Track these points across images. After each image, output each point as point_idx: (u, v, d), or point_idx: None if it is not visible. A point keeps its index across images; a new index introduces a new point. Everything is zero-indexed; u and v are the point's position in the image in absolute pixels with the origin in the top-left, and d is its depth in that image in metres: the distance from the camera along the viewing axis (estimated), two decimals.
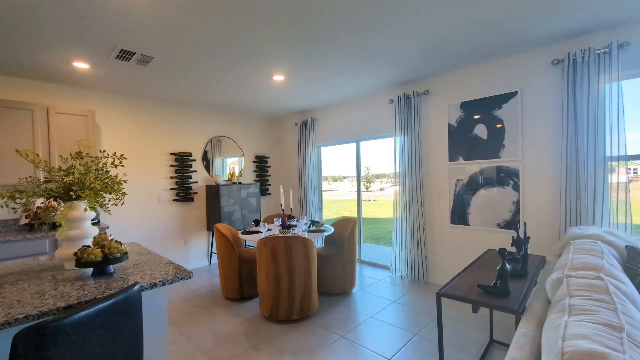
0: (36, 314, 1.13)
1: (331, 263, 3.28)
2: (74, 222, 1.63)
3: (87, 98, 3.69)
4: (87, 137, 3.41)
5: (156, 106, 4.24)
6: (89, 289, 1.36)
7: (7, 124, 2.97)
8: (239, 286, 3.24)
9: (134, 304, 1.23)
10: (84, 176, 1.67)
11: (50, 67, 2.99)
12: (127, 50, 2.63)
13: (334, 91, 4.03)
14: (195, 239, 4.63)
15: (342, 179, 15.01)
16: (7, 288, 1.39)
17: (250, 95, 4.10)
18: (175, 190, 4.39)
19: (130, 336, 1.21)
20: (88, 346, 1.03)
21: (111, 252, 1.51)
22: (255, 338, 2.54)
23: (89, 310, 1.03)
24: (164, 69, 3.09)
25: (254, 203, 4.84)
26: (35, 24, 2.17)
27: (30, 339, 0.89)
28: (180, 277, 1.54)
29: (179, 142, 4.46)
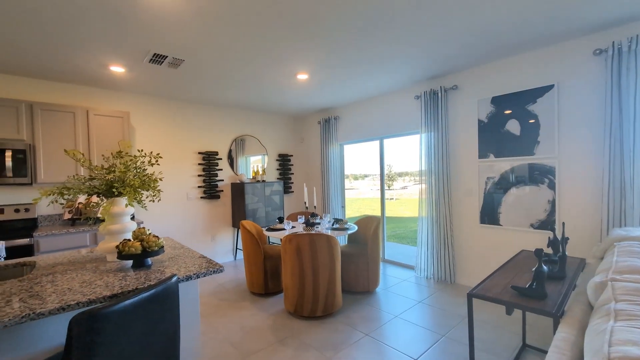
0: (85, 301, 1.22)
1: (354, 261, 3.27)
2: (115, 217, 1.74)
3: (122, 100, 3.90)
4: (122, 137, 3.61)
5: (185, 107, 4.41)
6: (130, 280, 1.45)
7: (53, 125, 3.20)
8: (264, 282, 3.31)
9: (172, 295, 1.29)
10: (124, 174, 1.77)
11: (89, 72, 3.19)
12: (160, 54, 2.75)
13: (357, 88, 4.01)
14: (222, 235, 4.78)
15: (364, 178, 14.87)
16: (58, 277, 1.51)
17: (274, 94, 4.16)
18: (203, 188, 4.55)
19: (169, 325, 1.27)
20: (131, 332, 1.10)
21: (149, 246, 1.60)
22: (281, 332, 2.59)
23: (132, 299, 1.10)
24: (193, 71, 3.21)
25: (277, 201, 4.91)
26: (77, 31, 2.32)
27: (83, 323, 0.96)
28: (213, 270, 1.60)
29: (206, 141, 4.61)
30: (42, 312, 1.12)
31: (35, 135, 3.11)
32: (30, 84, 3.34)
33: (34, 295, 1.27)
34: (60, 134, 3.24)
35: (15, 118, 3.02)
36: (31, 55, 2.73)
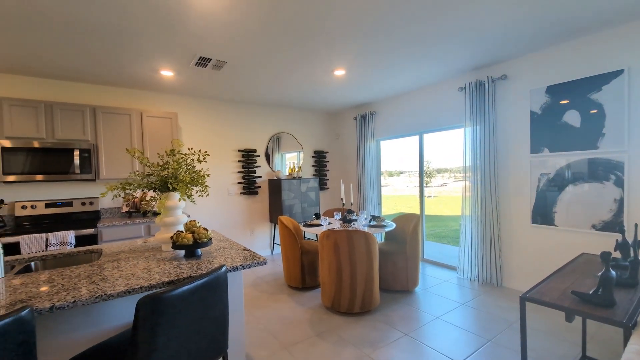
0: (147, 285, 1.33)
1: (392, 260, 3.21)
2: (170, 210, 1.87)
3: (171, 102, 4.18)
4: (171, 136, 3.87)
5: (226, 106, 4.61)
6: (184, 268, 1.56)
7: (112, 127, 3.53)
8: (302, 276, 3.38)
9: (222, 283, 1.37)
10: (176, 171, 1.90)
11: (143, 77, 3.46)
12: (205, 57, 2.90)
13: (396, 82, 3.90)
14: (260, 230, 4.95)
15: (399, 174, 14.47)
16: (122, 263, 1.67)
17: (310, 92, 4.20)
18: (242, 184, 4.74)
19: (219, 311, 1.35)
20: (187, 316, 1.18)
21: (200, 238, 1.71)
22: (318, 326, 2.63)
23: (188, 286, 1.19)
24: (234, 72, 3.34)
25: (313, 197, 4.97)
26: (135, 42, 2.53)
27: (148, 305, 1.06)
28: (257, 263, 1.66)
29: (245, 139, 4.79)
30: (112, 294, 1.25)
31: (98, 136, 3.45)
32: (93, 89, 3.70)
33: (103, 278, 1.42)
34: (118, 134, 3.56)
35: (81, 121, 3.37)
36: (95, 64, 3.02)
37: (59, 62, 2.98)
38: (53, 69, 3.14)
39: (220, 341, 1.37)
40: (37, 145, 3.10)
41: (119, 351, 1.24)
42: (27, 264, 1.83)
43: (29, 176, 3.07)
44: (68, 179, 3.26)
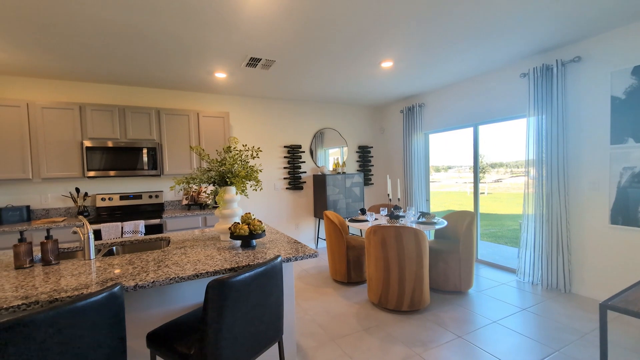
0: (212, 271, 1.44)
1: (444, 258, 3.07)
2: (227, 203, 2.00)
3: (223, 102, 4.44)
4: (224, 134, 4.12)
5: (273, 104, 4.77)
6: (242, 257, 1.66)
7: (173, 127, 3.85)
8: (347, 271, 3.39)
9: (278, 273, 1.43)
10: (232, 166, 2.02)
11: (199, 80, 3.72)
12: (255, 58, 3.03)
13: (448, 71, 3.69)
14: (304, 224, 5.07)
15: (446, 169, 13.69)
16: (188, 250, 1.83)
17: (355, 86, 4.15)
18: (288, 180, 4.88)
19: (275, 299, 1.42)
20: (248, 301, 1.26)
21: (255, 229, 1.80)
22: (365, 321, 2.62)
23: (249, 272, 1.26)
24: (282, 70, 3.44)
25: (358, 192, 4.94)
26: (191, 46, 2.72)
27: (216, 288, 1.15)
28: (308, 255, 1.70)
29: (291, 135, 4.91)
30: (183, 276, 1.38)
31: (162, 135, 3.80)
32: (157, 93, 4.07)
33: (175, 263, 1.57)
34: (178, 133, 3.89)
35: (148, 122, 3.73)
36: (160, 70, 3.32)
37: (130, 70, 3.33)
38: (125, 76, 3.53)
39: (276, 327, 1.43)
40: (110, 145, 3.51)
41: (189, 328, 1.36)
42: (110, 248, 2.10)
43: (104, 172, 3.50)
44: (137, 174, 3.64)
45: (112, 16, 2.18)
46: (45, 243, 1.60)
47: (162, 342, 1.30)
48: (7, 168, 3.16)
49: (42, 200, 3.57)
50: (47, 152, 3.31)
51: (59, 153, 3.36)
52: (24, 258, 1.56)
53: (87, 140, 3.43)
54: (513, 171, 11.26)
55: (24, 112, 3.21)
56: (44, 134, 3.29)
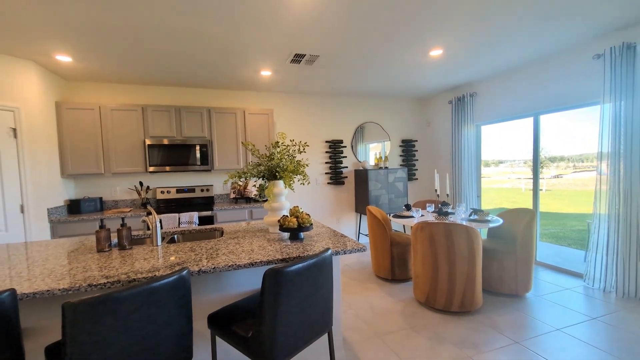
0: (265, 260, 1.51)
1: (499, 259, 2.87)
2: (276, 197, 2.07)
3: (267, 99, 4.59)
4: (268, 131, 4.25)
5: (315, 99, 4.81)
6: (292, 249, 1.70)
7: (222, 124, 4.07)
8: (391, 268, 3.33)
9: (328, 265, 1.45)
10: (280, 161, 2.08)
11: (246, 78, 3.87)
12: (300, 54, 3.06)
13: (504, 56, 3.40)
14: (345, 219, 5.06)
15: (497, 164, 12.67)
16: (241, 241, 1.93)
17: (400, 78, 4.02)
18: (329, 175, 4.91)
19: (326, 291, 1.44)
20: (301, 290, 1.29)
21: (303, 222, 1.84)
22: (411, 319, 2.55)
23: (302, 264, 1.29)
24: (326, 65, 3.44)
25: (401, 188, 4.80)
26: (239, 47, 2.83)
27: (272, 276, 1.20)
28: (357, 249, 1.70)
29: (332, 130, 4.92)
30: (240, 264, 1.46)
31: (212, 133, 4.03)
32: (208, 93, 4.33)
33: (230, 252, 1.67)
34: (226, 130, 4.10)
35: (200, 120, 3.99)
36: (210, 71, 3.52)
37: (185, 72, 3.58)
38: (181, 78, 3.80)
39: (326, 318, 1.46)
40: (166, 142, 3.81)
41: (245, 313, 1.44)
42: (172, 236, 2.29)
43: (161, 167, 3.82)
44: (189, 169, 3.92)
45: (175, 23, 2.35)
46: (121, 230, 1.79)
47: (222, 324, 1.40)
48: (85, 164, 3.60)
49: (112, 193, 4.01)
50: (115, 149, 3.70)
51: (125, 150, 3.73)
52: (104, 243, 1.77)
53: (148, 139, 3.76)
54: (576, 166, 10.05)
55: (96, 114, 3.62)
56: (113, 133, 3.68)
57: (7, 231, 2.95)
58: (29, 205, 3.06)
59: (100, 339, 0.98)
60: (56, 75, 3.54)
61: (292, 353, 1.30)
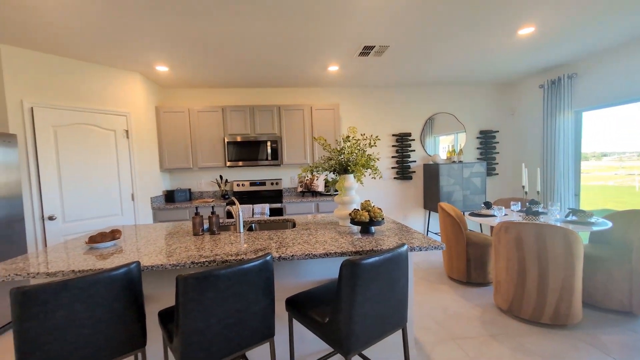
0: (339, 252, 1.54)
1: (605, 268, 2.43)
2: (347, 190, 2.09)
3: (333, 94, 4.64)
4: (333, 126, 4.30)
5: (382, 92, 4.69)
6: (364, 242, 1.71)
7: (290, 121, 4.25)
8: (466, 270, 3.08)
9: (404, 260, 1.41)
10: (350, 155, 2.09)
11: (313, 75, 3.97)
12: (369, 46, 3.01)
13: (614, 28, 2.82)
14: (413, 216, 4.85)
15: (600, 157, 10.66)
16: (313, 232, 2.01)
17: (479, 62, 3.65)
18: (396, 169, 4.75)
19: (401, 286, 1.41)
20: (377, 284, 1.29)
21: (375, 216, 1.82)
22: (491, 327, 2.34)
23: (378, 257, 1.29)
24: (395, 55, 3.32)
25: (478, 184, 4.39)
26: (308, 45, 2.90)
27: (349, 267, 1.22)
28: (434, 246, 1.62)
29: (400, 123, 4.74)
30: (315, 254, 1.52)
31: (282, 129, 4.25)
32: (278, 92, 4.57)
33: (305, 242, 1.75)
34: (294, 126, 4.27)
35: (271, 118, 4.23)
36: (280, 71, 3.70)
37: (258, 75, 3.84)
38: (255, 80, 4.09)
39: (401, 314, 1.43)
40: (239, 139, 4.14)
41: (320, 300, 1.50)
42: (250, 225, 2.50)
43: (237, 162, 4.17)
44: (260, 164, 4.21)
45: (253, 30, 2.54)
46: (211, 217, 2.03)
47: (298, 308, 1.48)
48: (177, 160, 4.14)
49: (198, 185, 4.54)
50: (201, 146, 4.17)
51: (208, 147, 4.18)
52: (198, 227, 2.03)
53: (227, 136, 4.15)
54: None
55: (186, 116, 4.12)
56: (199, 132, 4.15)
57: (123, 215, 3.58)
58: (137, 194, 3.67)
59: (204, 308, 1.13)
60: (155, 84, 4.13)
61: (367, 343, 1.31)
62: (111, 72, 3.43)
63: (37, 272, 1.37)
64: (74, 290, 1.08)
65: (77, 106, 3.19)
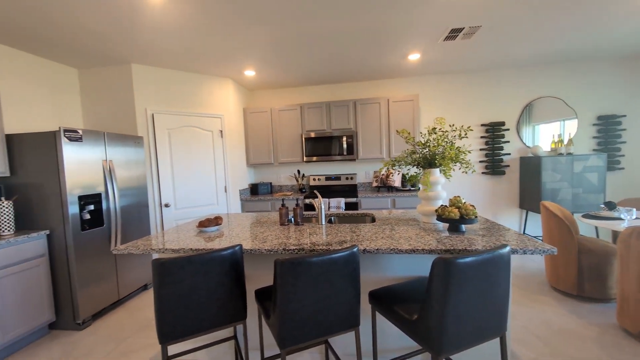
0: (427, 249, 1.47)
1: None
2: (432, 185, 1.97)
3: (411, 85, 4.41)
4: (412, 117, 4.09)
5: (468, 78, 4.26)
6: (454, 241, 1.59)
7: (366, 115, 4.20)
8: (578, 281, 2.61)
9: (505, 263, 1.27)
10: (437, 147, 1.96)
11: (390, 66, 3.83)
12: (456, 28, 2.76)
13: None
14: (504, 215, 4.31)
15: None
16: (395, 228, 1.96)
17: (601, 30, 3.00)
18: (485, 163, 4.27)
19: (502, 291, 1.27)
20: (472, 286, 1.18)
21: (467, 213, 1.68)
22: (613, 351, 1.93)
23: (475, 257, 1.18)
24: (488, 35, 2.97)
25: (594, 180, 3.64)
26: (388, 36, 2.80)
27: (442, 265, 1.15)
28: (542, 250, 1.41)
29: (490, 111, 4.24)
30: (401, 249, 1.48)
31: (357, 124, 4.24)
32: (353, 87, 4.56)
33: (388, 236, 1.72)
34: (370, 120, 4.21)
35: (346, 113, 4.26)
36: (357, 65, 3.68)
37: (335, 71, 3.90)
38: (330, 76, 4.17)
39: (500, 321, 1.29)
40: (313, 135, 4.27)
41: (405, 297, 1.46)
42: (329, 218, 2.58)
43: (313, 157, 4.32)
44: (336, 159, 4.27)
45: (333, 26, 2.58)
46: (295, 209, 2.16)
47: (382, 302, 1.47)
48: (261, 156, 4.52)
49: (277, 179, 4.87)
50: (281, 143, 4.46)
51: (287, 143, 4.44)
52: (284, 218, 2.19)
53: (304, 133, 4.34)
54: None
55: (268, 115, 4.45)
56: (279, 129, 4.44)
57: (218, 205, 4.08)
58: (229, 186, 4.13)
59: (298, 291, 1.22)
60: (242, 87, 4.56)
61: (460, 347, 1.23)
62: (209, 80, 3.93)
63: (166, 248, 1.67)
64: (195, 265, 1.29)
65: (184, 111, 3.75)
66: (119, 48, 2.90)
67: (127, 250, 1.68)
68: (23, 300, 2.30)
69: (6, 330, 2.18)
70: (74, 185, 2.53)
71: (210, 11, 2.29)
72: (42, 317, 2.44)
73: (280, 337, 1.24)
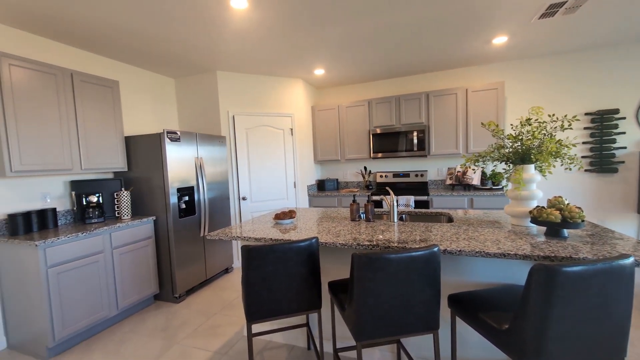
0: (521, 254, 1.31)
1: None
2: (526, 184, 1.75)
3: (494, 72, 3.96)
4: (496, 108, 3.67)
5: (567, 60, 3.64)
6: (555, 247, 1.38)
7: (440, 108, 3.92)
8: None
9: (627, 277, 1.06)
10: (532, 141, 1.72)
11: (469, 53, 3.50)
12: (555, 4, 2.38)
13: None
14: (615, 220, 3.58)
15: None
16: (478, 229, 1.80)
17: None
18: (589, 158, 3.61)
19: (621, 309, 1.06)
20: (584, 300, 1.02)
21: (571, 217, 1.45)
22: None
23: (586, 266, 1.01)
24: (597, 7, 2.49)
25: None
26: (475, 15, 2.55)
27: (543, 273, 1.02)
28: None
29: (598, 97, 3.55)
30: (489, 252, 1.35)
31: (430, 118, 3.99)
32: (424, 78, 4.31)
33: (470, 238, 1.59)
34: (444, 113, 3.92)
35: (417, 107, 4.04)
36: (431, 54, 3.46)
37: (406, 62, 3.73)
38: (401, 68, 4.01)
39: (619, 344, 1.09)
40: (383, 131, 4.14)
41: (491, 304, 1.32)
42: (400, 216, 2.49)
43: (381, 153, 4.21)
44: (406, 155, 4.09)
45: (407, 13, 2.48)
46: (367, 205, 2.15)
47: (463, 307, 1.36)
48: (328, 152, 4.60)
49: (343, 175, 4.90)
50: (348, 139, 4.47)
51: (354, 140, 4.43)
52: (355, 214, 2.19)
53: (372, 129, 4.27)
54: None
55: (336, 112, 4.50)
56: (347, 126, 4.45)
57: (287, 199, 4.30)
58: (298, 182, 4.32)
59: (374, 286, 1.22)
60: (311, 86, 4.70)
61: None
62: (282, 81, 4.15)
63: (250, 237, 1.84)
64: (277, 253, 1.39)
65: (259, 111, 4.04)
66: (207, 57, 3.27)
67: (217, 237, 1.90)
68: (136, 273, 2.79)
69: (125, 296, 2.68)
70: (173, 179, 2.96)
71: (290, 15, 2.41)
72: (150, 289, 2.92)
73: (356, 329, 1.26)
